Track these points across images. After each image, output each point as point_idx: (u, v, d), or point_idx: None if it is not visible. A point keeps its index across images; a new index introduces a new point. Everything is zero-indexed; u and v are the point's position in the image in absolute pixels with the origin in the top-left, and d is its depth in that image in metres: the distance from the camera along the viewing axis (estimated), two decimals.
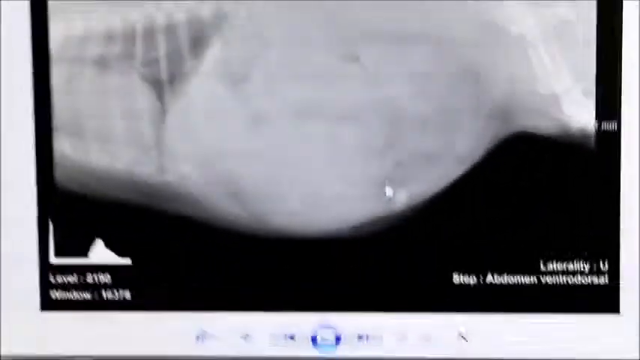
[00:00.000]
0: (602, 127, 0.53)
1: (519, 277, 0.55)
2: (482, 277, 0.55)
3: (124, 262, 0.56)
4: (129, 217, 0.55)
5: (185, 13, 0.54)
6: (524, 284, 0.55)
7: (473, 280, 0.55)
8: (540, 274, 0.55)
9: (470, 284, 0.55)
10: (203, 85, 0.54)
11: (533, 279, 0.55)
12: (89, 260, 0.56)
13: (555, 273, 0.54)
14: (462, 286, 0.55)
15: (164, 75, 0.54)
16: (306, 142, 0.54)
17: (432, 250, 0.55)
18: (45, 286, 0.56)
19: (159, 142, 0.55)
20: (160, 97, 0.55)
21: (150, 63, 0.54)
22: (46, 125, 0.55)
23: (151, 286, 0.56)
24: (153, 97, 0.55)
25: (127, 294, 0.56)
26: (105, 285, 0.56)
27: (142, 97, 0.55)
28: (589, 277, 0.55)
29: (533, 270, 0.55)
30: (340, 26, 0.54)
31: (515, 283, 0.55)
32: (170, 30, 0.54)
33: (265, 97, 0.54)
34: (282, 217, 0.55)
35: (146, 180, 0.55)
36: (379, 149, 0.54)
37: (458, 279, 0.55)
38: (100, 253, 0.56)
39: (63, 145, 0.55)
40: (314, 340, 0.56)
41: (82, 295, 0.57)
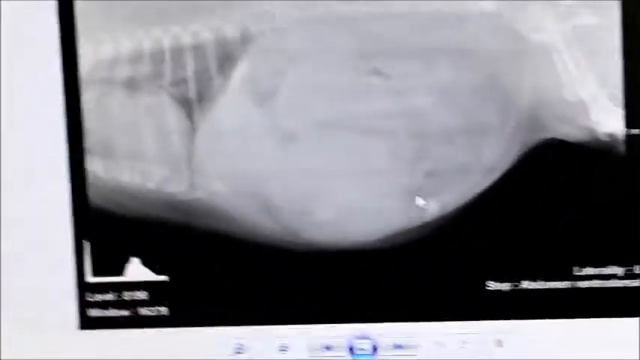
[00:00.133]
0: (630, 132, 0.53)
1: (553, 283, 0.55)
2: (516, 283, 0.55)
3: (160, 278, 0.56)
4: (163, 235, 0.56)
5: (211, 32, 0.55)
6: (558, 290, 0.55)
7: (507, 287, 0.55)
8: (574, 279, 0.54)
9: (504, 291, 0.55)
10: (231, 103, 0.55)
11: (567, 284, 0.54)
12: (125, 278, 0.57)
13: (589, 278, 0.54)
14: (497, 293, 0.55)
15: (193, 94, 0.55)
16: (336, 155, 0.54)
17: (466, 259, 0.55)
18: (82, 305, 0.57)
19: (189, 160, 0.55)
20: (190, 116, 0.55)
21: (178, 83, 0.55)
22: (79, 147, 0.56)
23: (188, 302, 0.57)
24: (182, 116, 0.55)
25: (164, 310, 0.57)
26: (142, 302, 0.57)
27: (172, 116, 0.55)
28: (623, 281, 0.54)
29: (566, 275, 0.54)
30: (365, 40, 0.54)
31: (550, 288, 0.55)
32: (197, 50, 0.55)
33: (293, 112, 0.54)
34: (315, 229, 0.55)
35: (178, 197, 0.56)
36: (409, 160, 0.54)
37: (492, 286, 0.55)
38: (136, 270, 0.56)
39: (95, 166, 0.56)
40: (351, 350, 0.56)
41: (120, 313, 0.57)
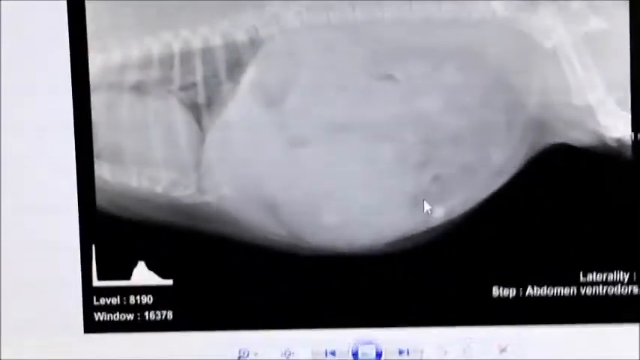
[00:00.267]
0: (638, 137, 0.53)
1: (559, 289, 0.55)
2: (521, 289, 0.55)
3: (165, 282, 0.56)
4: (169, 239, 0.56)
5: (221, 37, 0.55)
6: (563, 296, 0.55)
7: (512, 293, 0.55)
8: (580, 285, 0.55)
9: (509, 297, 0.55)
10: (240, 108, 0.55)
11: (572, 290, 0.55)
12: (131, 282, 0.57)
13: (595, 284, 0.54)
14: (502, 299, 0.55)
15: (202, 99, 0.55)
16: (343, 159, 0.55)
17: (471, 264, 0.55)
18: (88, 309, 0.57)
19: (197, 164, 0.55)
20: (198, 121, 0.55)
21: (187, 87, 0.55)
22: (87, 151, 0.56)
23: (193, 306, 0.57)
24: (191, 121, 0.55)
25: (170, 314, 0.57)
26: (147, 306, 0.57)
27: (180, 120, 0.55)
28: (628, 287, 0.54)
29: (572, 281, 0.55)
30: (374, 44, 0.54)
31: (555, 294, 0.55)
32: (207, 54, 0.55)
33: (301, 116, 0.55)
34: (321, 234, 0.55)
35: (186, 202, 0.56)
36: (416, 165, 0.54)
37: (497, 292, 0.55)
38: (142, 274, 0.56)
39: (103, 170, 0.56)
40: (355, 356, 0.56)
41: (125, 317, 0.57)
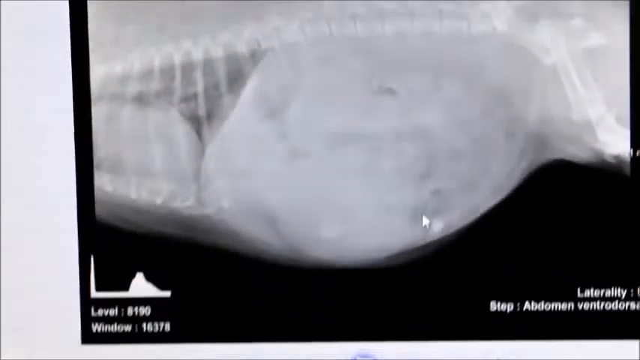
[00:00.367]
0: (637, 153, 0.53)
1: (557, 304, 0.55)
2: (519, 304, 0.55)
3: (163, 294, 0.56)
4: (168, 251, 0.56)
5: (222, 49, 0.55)
6: (561, 311, 0.55)
7: (510, 308, 0.55)
8: (577, 300, 0.55)
9: (507, 312, 0.55)
10: (240, 120, 0.55)
11: (570, 305, 0.55)
12: (129, 293, 0.57)
13: (592, 299, 0.55)
14: (499, 314, 0.55)
15: (202, 111, 0.55)
16: (343, 172, 0.55)
17: (469, 279, 0.55)
18: (86, 320, 0.57)
19: (197, 177, 0.55)
20: (199, 133, 0.55)
21: (188, 99, 0.55)
22: (87, 162, 0.56)
23: (191, 318, 0.56)
24: (191, 133, 0.55)
25: (167, 326, 0.57)
26: (145, 317, 0.57)
27: (181, 132, 0.55)
28: (626, 303, 0.55)
29: (570, 297, 0.55)
30: (375, 58, 0.54)
31: (553, 309, 0.55)
32: (208, 66, 0.55)
33: (302, 129, 0.55)
34: (320, 247, 0.55)
35: (185, 213, 0.56)
36: (415, 178, 0.54)
37: (495, 306, 0.55)
38: (140, 286, 0.56)
39: (103, 181, 0.56)
40: None
41: (123, 328, 0.57)
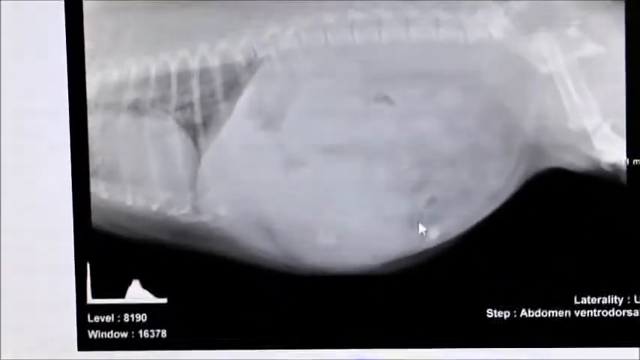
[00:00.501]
0: (633, 162, 0.53)
1: (553, 312, 0.55)
2: (516, 311, 0.55)
3: (160, 301, 0.56)
4: (164, 258, 0.56)
5: (219, 57, 0.55)
6: (558, 318, 0.55)
7: (507, 315, 0.55)
8: (574, 308, 0.55)
9: (504, 319, 0.55)
10: (236, 128, 0.55)
11: (567, 313, 0.55)
12: (126, 300, 0.57)
13: (589, 307, 0.55)
14: (496, 321, 0.55)
15: (198, 119, 0.55)
16: (339, 180, 0.55)
17: (466, 286, 0.55)
18: (82, 327, 0.57)
19: (193, 184, 0.55)
20: (195, 141, 0.55)
21: (184, 107, 0.55)
22: (83, 170, 0.56)
23: (187, 325, 0.56)
24: (187, 141, 0.55)
25: (164, 333, 0.57)
26: (141, 324, 0.57)
27: (177, 140, 0.55)
28: (623, 310, 0.55)
29: (567, 304, 0.55)
30: (371, 67, 0.54)
31: (550, 317, 0.55)
32: (204, 74, 0.55)
33: (298, 137, 0.55)
34: (316, 254, 0.55)
35: (181, 221, 0.56)
36: (411, 186, 0.55)
37: (492, 314, 0.55)
38: (137, 293, 0.56)
39: (99, 189, 0.56)
40: None
41: (119, 335, 0.57)
